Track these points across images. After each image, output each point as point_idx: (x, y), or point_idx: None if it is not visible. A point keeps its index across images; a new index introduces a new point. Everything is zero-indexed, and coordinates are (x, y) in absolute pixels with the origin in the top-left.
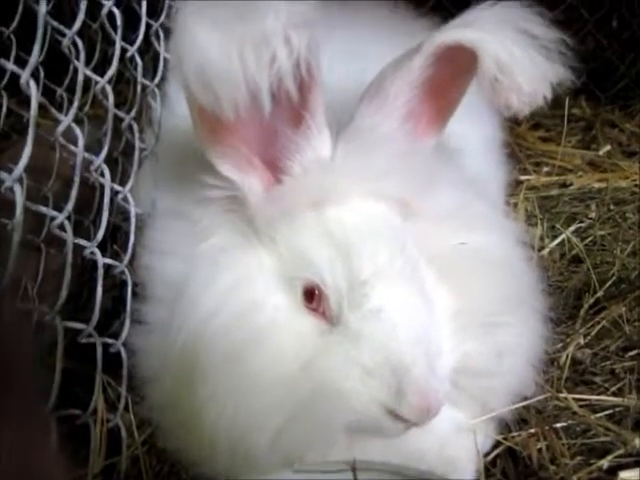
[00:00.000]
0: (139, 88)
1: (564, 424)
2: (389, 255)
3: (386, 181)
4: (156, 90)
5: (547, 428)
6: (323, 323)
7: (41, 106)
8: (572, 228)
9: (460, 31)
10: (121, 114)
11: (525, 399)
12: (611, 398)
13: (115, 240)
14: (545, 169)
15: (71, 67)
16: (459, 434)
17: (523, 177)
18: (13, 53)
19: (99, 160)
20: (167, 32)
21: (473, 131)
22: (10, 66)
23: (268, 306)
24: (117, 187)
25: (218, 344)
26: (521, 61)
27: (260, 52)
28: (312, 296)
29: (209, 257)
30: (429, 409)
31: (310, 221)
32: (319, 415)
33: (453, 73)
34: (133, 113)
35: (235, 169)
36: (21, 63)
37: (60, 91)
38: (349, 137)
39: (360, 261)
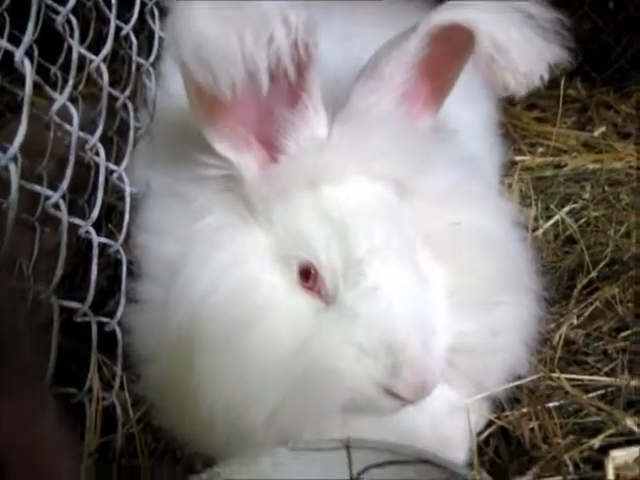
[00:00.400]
0: (134, 67)
1: (556, 404)
2: (385, 234)
3: (382, 161)
4: (151, 69)
5: (540, 408)
6: (319, 302)
7: (35, 85)
8: (566, 209)
9: (457, 11)
10: (116, 93)
11: (518, 378)
12: (603, 378)
13: (110, 219)
14: (540, 150)
15: (65, 45)
16: (453, 413)
17: (518, 158)
18: (7, 31)
19: (94, 139)
20: (162, 11)
21: (469, 112)
22: (4, 44)
23: (264, 285)
24: (112, 166)
25: (215, 322)
26: (517, 41)
27: (258, 31)
28: (308, 275)
29: (205, 236)
30: (424, 386)
31: (306, 200)
32: (315, 394)
33: (449, 53)
34: (128, 92)
35: (231, 148)
36: (15, 41)
37: (54, 69)
38: (345, 117)
39: (356, 240)
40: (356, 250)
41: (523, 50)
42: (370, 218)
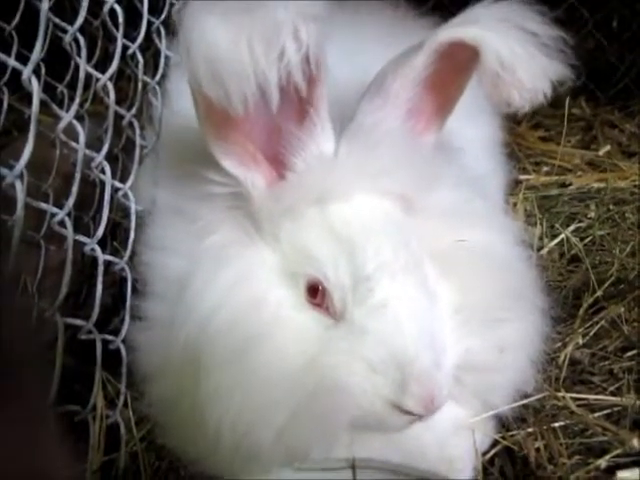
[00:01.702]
0: (140, 85)
1: (562, 423)
2: (393, 250)
3: (389, 177)
4: (157, 87)
5: (545, 427)
6: (327, 319)
7: (42, 102)
8: (571, 228)
9: (462, 28)
10: (122, 111)
11: (524, 397)
12: (609, 398)
13: (115, 237)
14: (545, 169)
15: (72, 64)
16: (458, 433)
17: (523, 177)
18: (14, 49)
19: (100, 157)
20: (168, 29)
21: (474, 131)
22: (12, 62)
23: (271, 302)
24: (117, 184)
25: (222, 340)
26: (522, 58)
27: (269, 46)
28: (316, 292)
29: (211, 253)
30: (433, 401)
31: (313, 217)
32: (323, 411)
33: (452, 70)
34: (134, 110)
35: (239, 165)
36: (23, 59)
37: (61, 87)
38: (352, 134)
39: (364, 256)
40: (364, 267)
41: (528, 67)
42: (378, 235)
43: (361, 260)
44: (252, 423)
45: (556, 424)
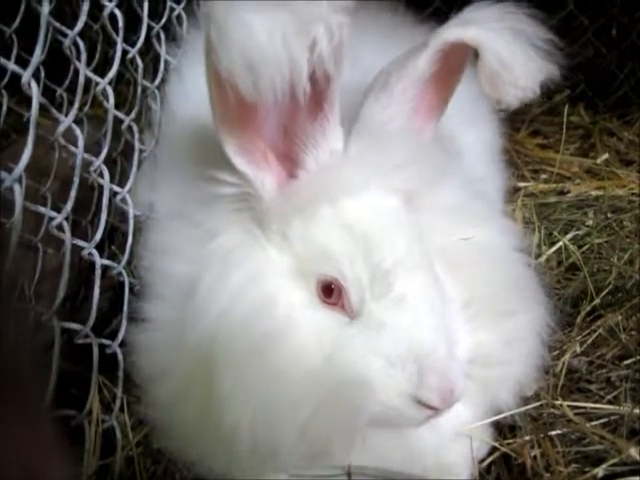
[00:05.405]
0: (139, 89)
1: (559, 432)
2: (408, 245)
3: (398, 174)
4: (156, 91)
5: (542, 435)
6: (342, 317)
7: (41, 106)
8: (569, 236)
9: (463, 28)
10: (121, 115)
11: (522, 405)
12: (606, 406)
13: (113, 241)
14: (543, 176)
15: (72, 67)
16: (457, 438)
17: (521, 184)
18: (14, 53)
19: (98, 161)
20: (168, 34)
21: (473, 136)
22: (11, 66)
23: (282, 302)
24: (116, 188)
25: (235, 340)
26: (519, 56)
27: (302, 35)
28: (330, 291)
29: (218, 256)
30: (450, 392)
31: (325, 215)
32: (344, 407)
33: (448, 70)
34: (133, 114)
35: (250, 164)
36: (22, 63)
37: (60, 91)
38: (360, 132)
39: (381, 252)
40: (383, 262)
41: (524, 66)
42: (391, 230)
43: (379, 255)
44: (272, 422)
45: (553, 432)
